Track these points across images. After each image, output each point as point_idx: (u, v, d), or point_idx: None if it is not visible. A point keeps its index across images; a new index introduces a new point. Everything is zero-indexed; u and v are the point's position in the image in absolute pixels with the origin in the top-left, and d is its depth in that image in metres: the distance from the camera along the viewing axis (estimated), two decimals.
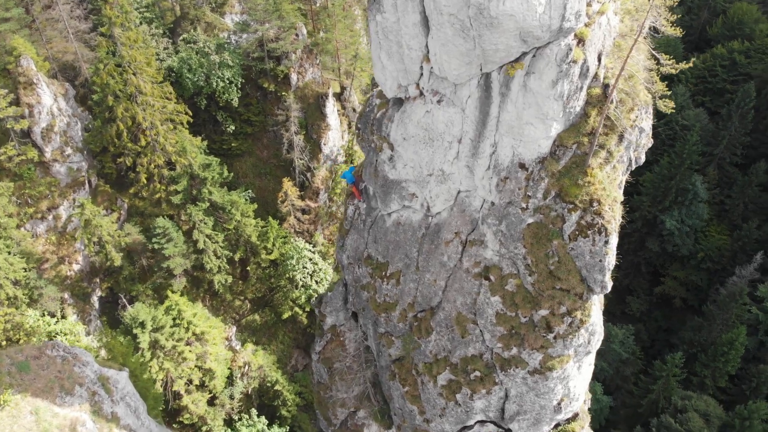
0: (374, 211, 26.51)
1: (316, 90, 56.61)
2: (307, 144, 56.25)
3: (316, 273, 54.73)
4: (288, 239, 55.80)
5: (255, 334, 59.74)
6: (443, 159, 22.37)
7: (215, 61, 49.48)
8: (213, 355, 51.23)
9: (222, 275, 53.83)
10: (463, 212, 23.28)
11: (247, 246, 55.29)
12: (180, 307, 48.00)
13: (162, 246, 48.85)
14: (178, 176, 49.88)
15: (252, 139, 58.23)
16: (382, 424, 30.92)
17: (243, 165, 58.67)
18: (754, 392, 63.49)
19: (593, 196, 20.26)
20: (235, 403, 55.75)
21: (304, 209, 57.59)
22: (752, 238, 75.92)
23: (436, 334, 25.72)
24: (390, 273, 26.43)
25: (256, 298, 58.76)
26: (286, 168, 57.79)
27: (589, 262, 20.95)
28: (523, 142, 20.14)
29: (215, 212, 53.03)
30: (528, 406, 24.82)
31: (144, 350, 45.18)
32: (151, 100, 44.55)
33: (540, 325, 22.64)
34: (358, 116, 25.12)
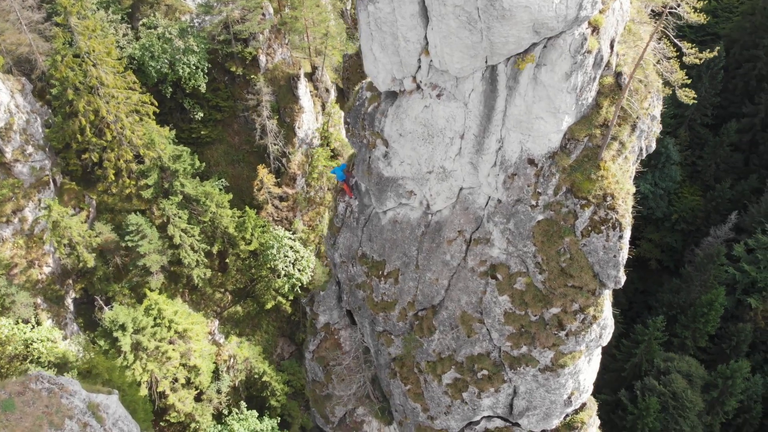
0: (368, 208, 25.35)
1: (286, 71, 54.54)
2: (281, 128, 54.40)
3: (298, 261, 53.47)
4: (267, 228, 54.29)
5: (238, 325, 58.50)
6: (444, 156, 21.24)
7: (179, 47, 47.03)
8: (197, 352, 49.97)
9: (200, 269, 52.26)
10: (466, 210, 22.27)
11: (224, 238, 53.65)
12: (160, 306, 46.43)
13: (136, 244, 46.97)
14: (148, 170, 47.74)
15: (222, 125, 56.07)
16: (383, 420, 30.30)
17: (214, 153, 56.59)
18: (734, 351, 64.83)
19: (607, 191, 19.42)
20: (222, 397, 54.76)
21: (281, 196, 56.01)
22: (725, 198, 76.88)
23: (440, 333, 24.94)
24: (388, 272, 25.42)
25: (237, 290, 57.36)
26: (260, 154, 55.92)
27: (602, 257, 20.23)
28: (532, 136, 19.10)
29: (189, 205, 51.15)
30: (538, 401, 24.34)
31: (126, 353, 43.68)
32: (114, 91, 42.16)
33: (551, 323, 21.99)
34: (346, 110, 23.73)
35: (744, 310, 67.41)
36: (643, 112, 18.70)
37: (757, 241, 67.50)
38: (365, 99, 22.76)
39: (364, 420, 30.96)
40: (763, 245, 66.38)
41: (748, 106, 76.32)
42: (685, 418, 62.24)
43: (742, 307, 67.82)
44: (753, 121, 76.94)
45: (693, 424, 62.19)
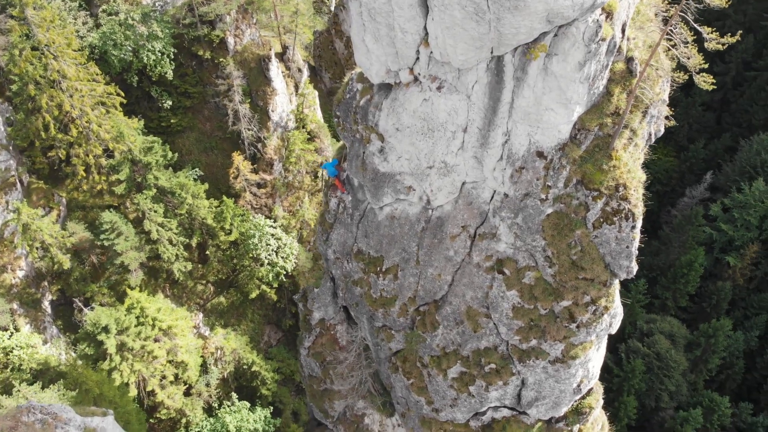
0: (362, 204, 24.38)
1: (256, 53, 52.61)
2: (254, 112, 52.69)
3: (281, 249, 52.33)
4: (246, 217, 52.91)
5: (223, 316, 57.40)
6: (446, 150, 20.30)
7: (142, 33, 44.80)
8: (183, 348, 48.83)
9: (180, 263, 50.77)
10: (470, 204, 21.47)
11: (203, 229, 52.16)
12: (142, 305, 45.05)
13: (112, 242, 45.28)
14: (119, 164, 45.81)
15: (192, 112, 54.10)
16: (384, 413, 29.87)
17: (186, 141, 54.67)
18: (715, 309, 66.08)
19: (619, 181, 18.79)
20: (212, 390, 53.89)
21: (259, 183, 54.55)
22: (699, 158, 77.57)
23: (444, 328, 24.37)
24: (386, 268, 24.63)
25: (219, 281, 56.11)
26: (234, 141, 54.19)
27: (614, 249, 19.71)
28: (541, 128, 18.27)
29: (164, 197, 49.44)
30: (547, 392, 24.04)
31: (112, 355, 42.42)
32: (77, 84, 40.03)
33: (562, 316, 21.54)
34: (336, 103, 22.54)
35: (722, 269, 68.61)
36: (655, 98, 18.02)
37: (733, 199, 68.40)
38: (356, 91, 21.59)
39: (365, 413, 30.51)
40: (738, 204, 67.30)
41: (718, 65, 76.56)
42: (670, 377, 63.54)
43: (721, 266, 69.02)
44: (724, 80, 77.36)
45: (678, 383, 63.58)
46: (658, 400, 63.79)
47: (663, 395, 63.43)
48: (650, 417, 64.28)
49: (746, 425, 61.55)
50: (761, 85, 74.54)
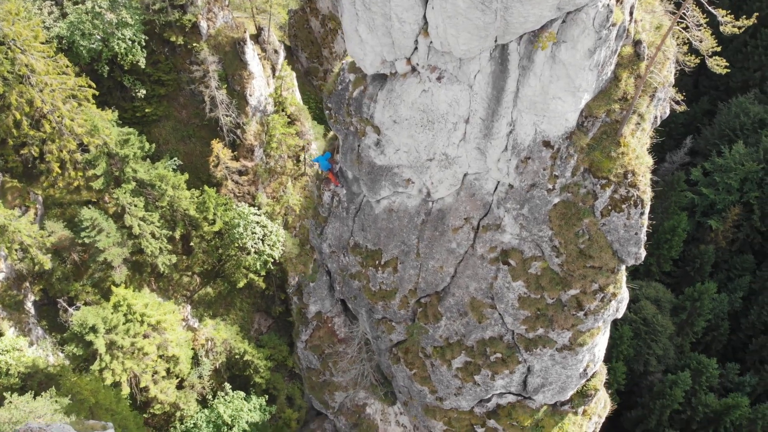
0: (357, 197, 23.68)
1: (230, 36, 50.99)
2: (232, 98, 51.26)
3: (267, 237, 51.45)
4: (229, 206, 51.84)
5: (211, 307, 56.63)
6: (447, 142, 19.64)
7: (111, 21, 43.00)
8: (173, 342, 48.14)
9: (165, 256, 49.68)
10: (472, 196, 20.90)
11: (185, 220, 51.02)
12: (129, 302, 44.13)
13: (93, 239, 44.05)
14: (95, 158, 44.32)
15: (167, 100, 52.48)
16: (386, 402, 29.65)
17: (162, 131, 53.16)
18: (698, 272, 66.94)
19: (627, 168, 18.35)
20: (205, 382, 53.37)
21: (240, 170, 53.38)
22: (678, 122, 77.82)
23: (447, 319, 24.00)
24: (385, 261, 24.08)
25: (205, 271, 55.19)
26: (212, 128, 52.81)
27: (622, 236, 19.37)
28: (547, 117, 17.68)
29: (143, 190, 48.17)
30: (554, 378, 23.91)
31: (102, 354, 41.60)
32: (47, 78, 38.38)
33: (570, 305, 21.26)
34: (326, 94, 21.65)
35: (705, 232, 69.39)
36: (663, 81, 17.51)
37: (713, 163, 68.91)
38: (348, 82, 20.73)
39: (366, 403, 30.26)
40: (719, 167, 67.83)
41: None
42: (657, 341, 64.47)
43: (703, 230, 69.79)
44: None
45: (665, 346, 64.56)
46: (647, 365, 64.84)
47: (651, 359, 64.45)
48: (639, 381, 65.39)
49: (733, 385, 62.91)
50: (738, 47, 74.67)
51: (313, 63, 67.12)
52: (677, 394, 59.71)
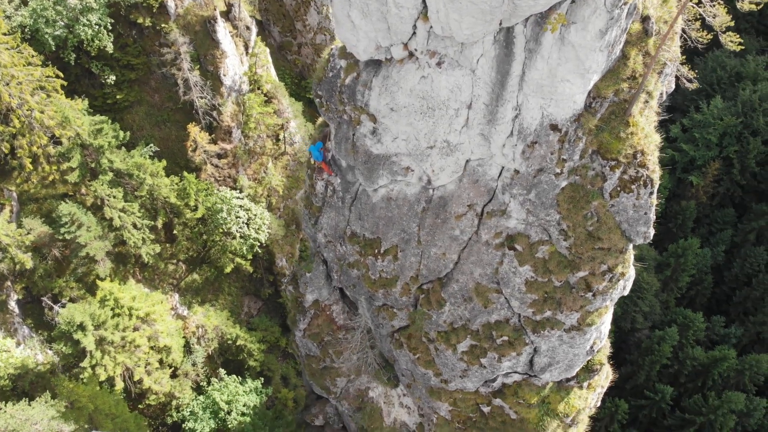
0: (352, 185, 22.93)
1: (200, 14, 49.09)
2: (205, 79, 49.63)
3: (251, 221, 50.56)
4: (210, 191, 50.68)
5: (199, 293, 55.86)
6: (448, 129, 18.91)
7: (75, 6, 40.99)
8: (164, 332, 47.44)
9: (148, 246, 48.55)
10: (476, 182, 20.29)
11: (166, 208, 49.82)
12: (116, 295, 43.18)
13: (74, 234, 42.79)
14: (68, 151, 42.74)
15: (138, 85, 50.67)
16: (389, 385, 29.48)
17: (135, 117, 51.44)
18: (681, 228, 67.59)
19: (637, 148, 17.85)
20: (199, 369, 52.95)
21: (219, 153, 52.06)
22: None
23: (450, 305, 23.64)
24: (384, 250, 23.52)
25: (190, 258, 54.24)
26: (187, 111, 51.23)
27: (632, 216, 18.99)
28: (555, 100, 17.02)
29: (121, 180, 46.77)
30: (561, 357, 23.79)
31: (92, 351, 40.80)
32: (13, 71, 36.61)
33: (578, 287, 20.98)
34: (316, 81, 20.69)
35: (685, 189, 69.89)
36: (672, 57, 16.94)
37: (692, 119, 69.02)
38: (340, 69, 19.77)
39: (368, 387, 30.07)
40: (698, 123, 67.97)
41: None
42: (643, 299, 65.33)
43: (684, 186, 70.27)
44: None
45: (651, 303, 65.45)
46: (634, 322, 65.78)
47: (637, 317, 65.38)
48: (626, 339, 66.43)
49: (719, 337, 64.21)
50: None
51: (286, 37, 65.26)
52: (665, 350, 60.81)
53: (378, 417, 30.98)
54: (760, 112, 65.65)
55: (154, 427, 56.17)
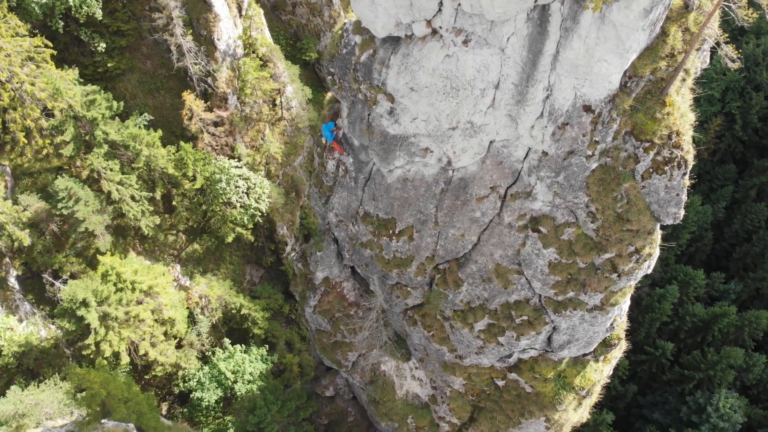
0: (366, 165, 22.06)
1: None
2: (199, 44, 47.96)
3: (251, 190, 49.75)
4: (208, 160, 49.66)
5: (200, 263, 55.44)
6: (473, 110, 18.00)
7: None
8: (168, 305, 47.16)
9: (147, 218, 47.79)
10: (500, 164, 19.48)
11: (164, 179, 48.87)
12: (117, 270, 42.65)
13: (72, 209, 41.94)
14: (61, 124, 41.48)
15: (129, 51, 49.00)
16: (401, 359, 29.32)
17: (128, 85, 49.93)
18: None
19: (672, 129, 17.06)
20: (204, 339, 52.96)
21: (215, 122, 50.80)
22: None
23: (468, 285, 23.14)
24: (399, 230, 22.84)
25: (190, 229, 53.58)
26: (181, 78, 49.76)
27: (663, 197, 18.33)
28: (589, 80, 16.11)
29: (117, 152, 45.65)
30: (581, 334, 23.48)
31: (96, 328, 40.51)
32: (1, 43, 35.06)
33: (603, 268, 20.46)
34: (327, 58, 19.61)
35: None
36: (711, 33, 16.02)
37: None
38: (354, 45, 18.68)
39: (380, 361, 29.92)
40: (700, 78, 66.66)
41: None
42: None
43: None
44: None
45: None
46: None
47: None
48: None
49: (719, 293, 64.53)
50: None
51: None
52: (666, 307, 61.12)
53: (390, 390, 30.96)
54: (764, 67, 64.55)
55: (161, 396, 56.55)
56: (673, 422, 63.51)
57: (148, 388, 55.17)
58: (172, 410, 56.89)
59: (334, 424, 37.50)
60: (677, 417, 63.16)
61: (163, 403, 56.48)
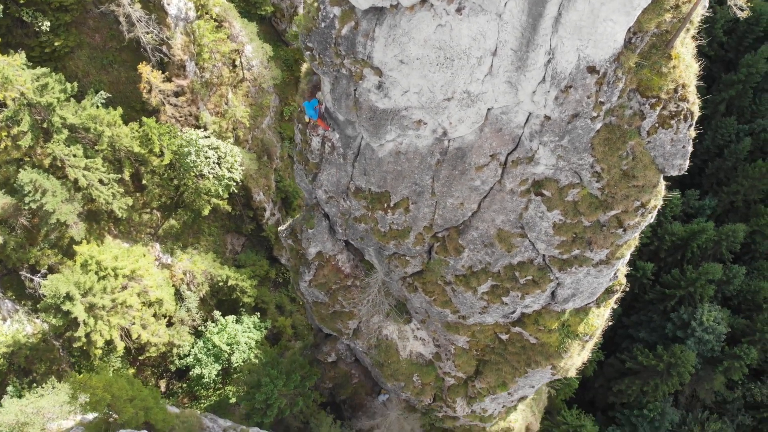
0: (354, 140, 21.03)
1: None
2: (149, 12, 45.32)
3: (222, 159, 48.24)
4: (174, 133, 47.80)
5: (179, 239, 54.29)
6: (469, 79, 17.00)
7: None
8: (153, 286, 46.27)
9: (119, 201, 46.24)
10: (499, 131, 18.64)
11: (131, 158, 47.06)
12: (97, 258, 41.44)
13: (40, 202, 40.22)
14: (15, 113, 39.24)
15: (75, 27, 46.13)
16: (402, 321, 29.22)
17: (78, 63, 47.26)
18: None
19: (678, 82, 16.34)
20: (194, 314, 52.47)
21: (176, 92, 48.66)
22: None
23: (470, 251, 22.68)
24: (395, 203, 22.09)
25: (163, 205, 52.12)
26: (134, 49, 47.21)
27: (668, 151, 17.81)
28: (593, 41, 15.20)
29: (77, 136, 43.59)
30: (584, 287, 23.36)
31: (85, 320, 39.61)
32: None
33: (609, 225, 20.10)
34: (304, 32, 18.23)
35: None
36: None
37: None
38: (333, 17, 17.35)
39: (381, 326, 29.80)
40: None
41: None
42: None
43: None
44: None
45: None
46: None
47: None
48: None
49: (695, 209, 65.62)
50: None
51: None
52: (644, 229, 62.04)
53: (394, 352, 31.02)
54: None
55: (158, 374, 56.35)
56: (659, 339, 65.74)
57: (144, 368, 54.87)
58: (171, 386, 56.89)
59: (338, 386, 37.76)
60: (663, 334, 65.34)
61: (161, 380, 56.39)
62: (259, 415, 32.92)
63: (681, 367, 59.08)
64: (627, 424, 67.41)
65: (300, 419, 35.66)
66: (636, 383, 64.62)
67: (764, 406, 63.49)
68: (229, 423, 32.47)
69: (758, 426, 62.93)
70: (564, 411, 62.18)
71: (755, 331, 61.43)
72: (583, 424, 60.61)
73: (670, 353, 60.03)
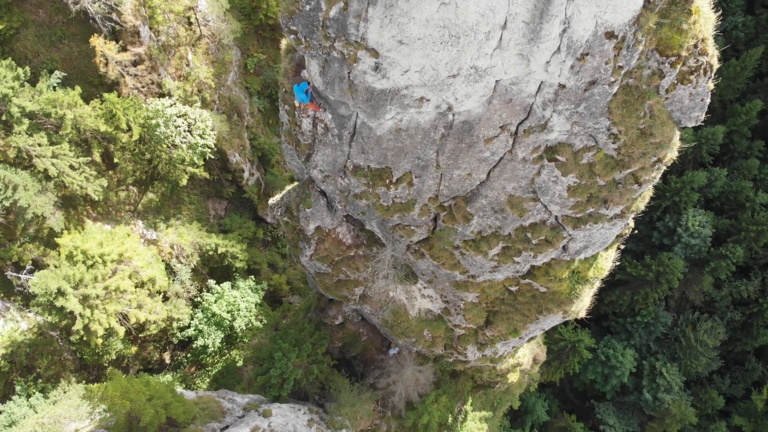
0: (348, 120, 19.73)
1: None
2: None
3: (193, 126, 46.32)
4: (138, 105, 45.57)
5: (160, 212, 52.91)
6: (477, 54, 15.69)
7: None
8: (143, 266, 45.32)
9: (93, 183, 44.54)
10: (509, 102, 17.50)
11: (98, 138, 44.97)
12: (81, 248, 40.18)
13: (12, 199, 38.49)
14: None
15: (16, 5, 42.85)
16: (409, 282, 28.90)
17: (26, 43, 44.20)
18: None
19: (698, 37, 15.27)
20: (188, 285, 51.86)
21: (134, 61, 46.02)
22: None
23: (479, 218, 21.98)
24: (397, 179, 21.10)
25: (139, 180, 50.40)
26: (82, 21, 44.20)
27: (687, 105, 16.94)
28: (612, 6, 13.98)
29: (39, 122, 41.33)
30: (596, 239, 22.95)
31: (81, 313, 38.82)
32: None
33: (625, 182, 19.43)
34: (287, 15, 16.59)
35: None
36: None
37: None
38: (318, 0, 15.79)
39: (388, 289, 29.48)
40: None
41: None
42: None
43: None
44: None
45: None
46: None
47: None
48: None
49: None
50: None
51: None
52: None
53: (403, 312, 30.89)
54: None
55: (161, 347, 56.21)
56: (646, 248, 67.04)
57: (146, 344, 54.63)
58: (175, 357, 56.96)
59: (348, 345, 37.91)
60: (649, 243, 66.58)
61: (165, 353, 56.36)
62: (276, 389, 33.06)
63: (670, 274, 60.55)
64: (622, 331, 69.69)
65: (317, 385, 35.97)
66: (626, 293, 66.32)
67: (753, 302, 65.82)
68: (247, 399, 32.49)
69: (747, 320, 65.46)
70: (561, 328, 63.91)
71: (740, 230, 62.81)
72: (581, 338, 62.49)
73: (658, 262, 61.33)
